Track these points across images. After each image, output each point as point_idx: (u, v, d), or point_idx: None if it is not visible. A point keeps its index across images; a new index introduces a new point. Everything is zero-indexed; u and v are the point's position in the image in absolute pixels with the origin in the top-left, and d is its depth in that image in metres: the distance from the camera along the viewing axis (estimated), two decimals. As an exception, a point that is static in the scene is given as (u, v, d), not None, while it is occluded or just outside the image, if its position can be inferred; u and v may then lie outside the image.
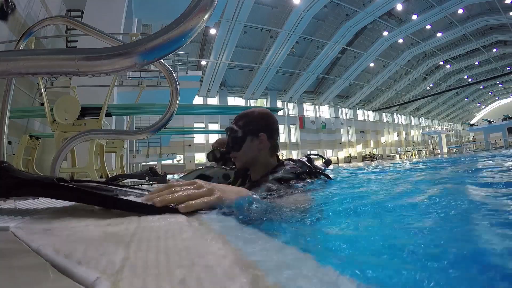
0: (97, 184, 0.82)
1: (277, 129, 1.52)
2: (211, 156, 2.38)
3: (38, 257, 0.37)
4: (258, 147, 1.43)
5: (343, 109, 32.37)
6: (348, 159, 29.11)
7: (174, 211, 0.61)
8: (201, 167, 2.63)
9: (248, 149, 1.45)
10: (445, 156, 17.98)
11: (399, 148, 35.50)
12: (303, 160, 1.61)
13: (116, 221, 0.58)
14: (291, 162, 1.49)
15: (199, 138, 23.39)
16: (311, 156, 1.85)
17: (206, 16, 0.60)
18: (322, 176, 1.52)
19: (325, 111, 31.07)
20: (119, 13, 6.05)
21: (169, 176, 2.54)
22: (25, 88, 5.45)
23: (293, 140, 28.46)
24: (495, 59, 28.74)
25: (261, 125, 1.46)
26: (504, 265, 0.42)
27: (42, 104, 4.43)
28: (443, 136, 30.02)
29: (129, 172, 5.55)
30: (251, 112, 1.53)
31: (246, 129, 1.46)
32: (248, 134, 1.44)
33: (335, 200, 1.04)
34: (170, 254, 0.35)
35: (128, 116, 5.48)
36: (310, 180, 1.37)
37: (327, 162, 2.44)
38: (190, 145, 23.22)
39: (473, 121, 42.22)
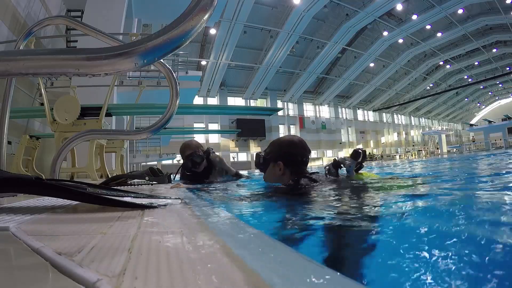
0: (73, 183, 0.90)
1: (296, 159, 1.54)
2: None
3: (38, 257, 0.37)
4: (279, 173, 1.54)
5: (343, 109, 32.33)
6: (348, 159, 29.01)
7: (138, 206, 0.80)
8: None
9: (270, 174, 1.58)
10: (445, 156, 17.96)
11: (399, 148, 35.44)
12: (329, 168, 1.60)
13: (118, 222, 0.58)
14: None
15: (199, 138, 23.35)
16: (339, 158, 1.67)
17: (206, 16, 0.60)
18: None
19: (325, 111, 31.03)
20: (119, 13, 6.04)
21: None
22: (25, 88, 5.44)
23: (293, 140, 28.34)
24: (495, 59, 28.72)
25: (281, 154, 1.55)
26: None
27: (42, 104, 4.43)
28: (443, 136, 29.94)
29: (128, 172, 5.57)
30: (277, 140, 1.65)
31: (268, 155, 1.58)
32: (270, 160, 1.57)
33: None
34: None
35: (128, 116, 5.48)
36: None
37: (355, 156, 1.72)
38: (190, 145, 23.19)
39: (473, 121, 42.19)
